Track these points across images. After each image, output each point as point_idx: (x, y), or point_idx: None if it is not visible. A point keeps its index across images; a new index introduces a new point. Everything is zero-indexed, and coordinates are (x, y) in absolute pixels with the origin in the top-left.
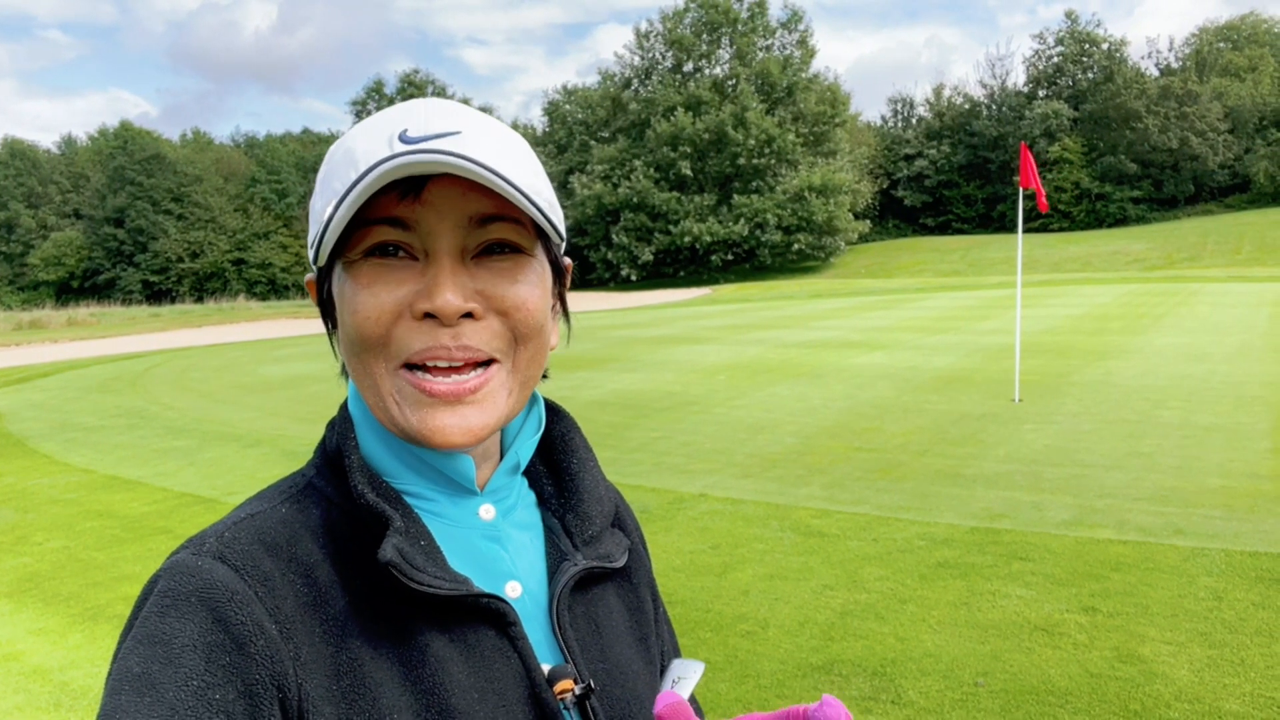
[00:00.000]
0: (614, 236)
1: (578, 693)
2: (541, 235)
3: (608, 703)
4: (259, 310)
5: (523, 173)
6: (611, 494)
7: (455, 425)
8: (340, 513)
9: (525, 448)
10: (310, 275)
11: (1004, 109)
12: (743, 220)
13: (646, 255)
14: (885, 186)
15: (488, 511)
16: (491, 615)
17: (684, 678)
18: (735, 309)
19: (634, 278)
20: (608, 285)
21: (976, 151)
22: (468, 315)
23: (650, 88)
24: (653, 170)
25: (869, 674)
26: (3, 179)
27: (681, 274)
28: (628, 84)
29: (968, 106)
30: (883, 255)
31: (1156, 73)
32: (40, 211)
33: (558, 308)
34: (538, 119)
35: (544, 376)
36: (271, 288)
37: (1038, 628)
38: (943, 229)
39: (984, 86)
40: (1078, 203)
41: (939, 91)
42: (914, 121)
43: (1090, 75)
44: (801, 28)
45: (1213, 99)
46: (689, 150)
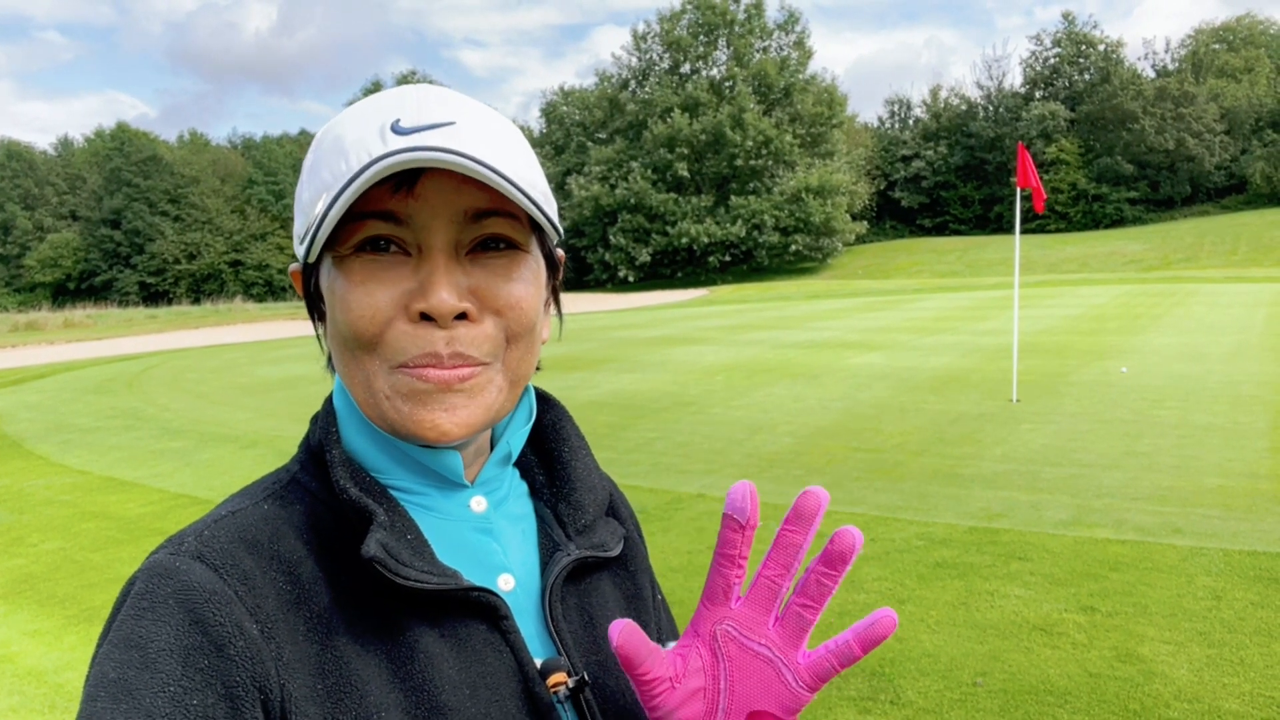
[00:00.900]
0: (611, 238)
1: (571, 685)
2: (537, 229)
3: (603, 695)
4: (256, 312)
5: (518, 165)
6: (605, 482)
7: (445, 419)
8: (324, 508)
9: (516, 438)
10: (295, 265)
11: (1001, 110)
12: (740, 221)
13: (644, 256)
14: (882, 188)
15: (479, 504)
16: (482, 609)
17: None
18: (733, 310)
19: (631, 279)
20: (605, 286)
21: (973, 153)
22: (462, 316)
23: (647, 89)
24: (650, 171)
25: (867, 674)
26: None
27: (679, 275)
28: (625, 85)
29: (965, 108)
30: (880, 256)
31: (1153, 74)
32: (37, 213)
33: (550, 301)
34: (535, 120)
35: (536, 369)
36: (268, 289)
37: (1036, 627)
38: (940, 230)
39: (981, 88)
40: (1074, 204)
41: (936, 93)
42: (911, 123)
43: (1087, 76)
44: (798, 29)
45: (1209, 100)
46: (686, 151)
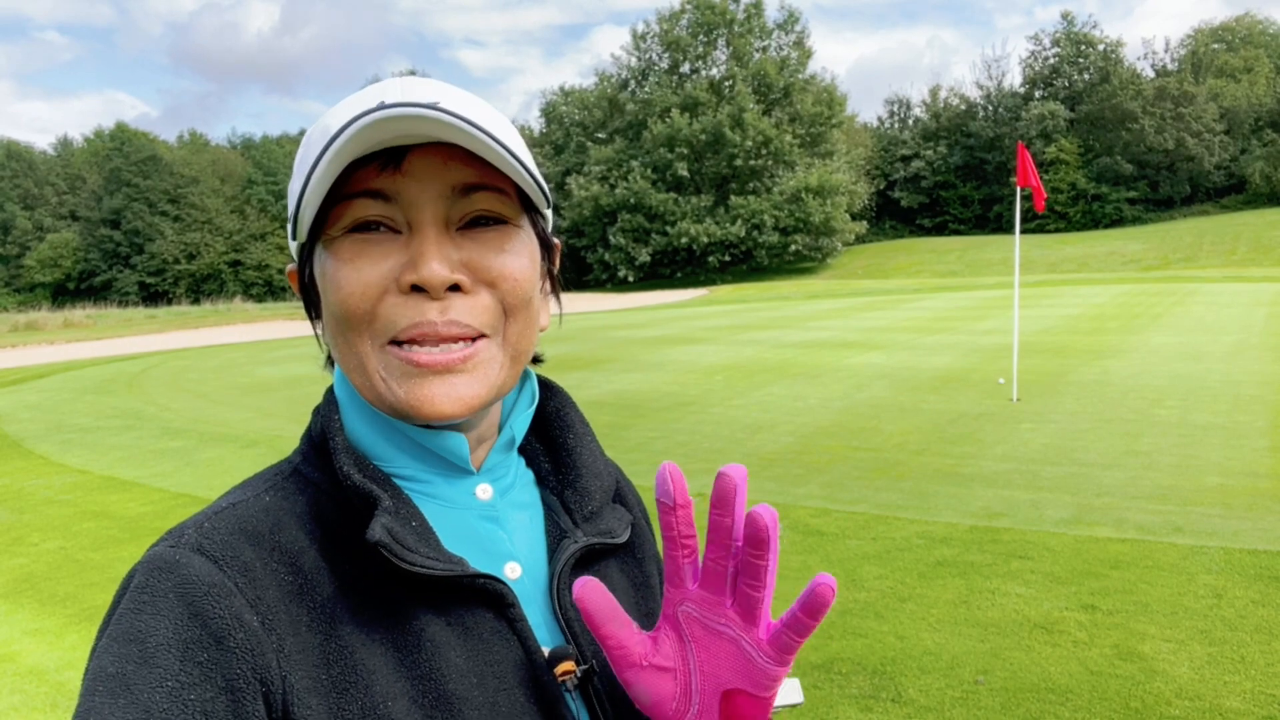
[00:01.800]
0: (611, 238)
1: (580, 674)
2: (528, 209)
3: (611, 684)
4: (255, 312)
5: (504, 137)
6: (611, 469)
7: (444, 394)
8: (327, 498)
9: (519, 423)
10: (291, 266)
11: (1000, 110)
12: (740, 221)
13: (643, 256)
14: (882, 187)
15: (485, 491)
16: (489, 597)
17: None
18: (732, 310)
19: (631, 279)
20: (604, 286)
21: (973, 152)
22: (455, 288)
23: (647, 89)
24: (650, 171)
25: (869, 672)
26: None
27: (678, 275)
28: (624, 85)
29: (964, 108)
30: (879, 256)
31: (1152, 74)
32: (36, 213)
33: (547, 287)
34: (535, 120)
35: (538, 360)
36: (268, 289)
37: (1037, 625)
38: (939, 230)
39: (980, 88)
40: (1074, 203)
41: (935, 93)
42: (910, 123)
43: (1086, 76)
44: (798, 29)
45: (1208, 100)
46: (686, 151)
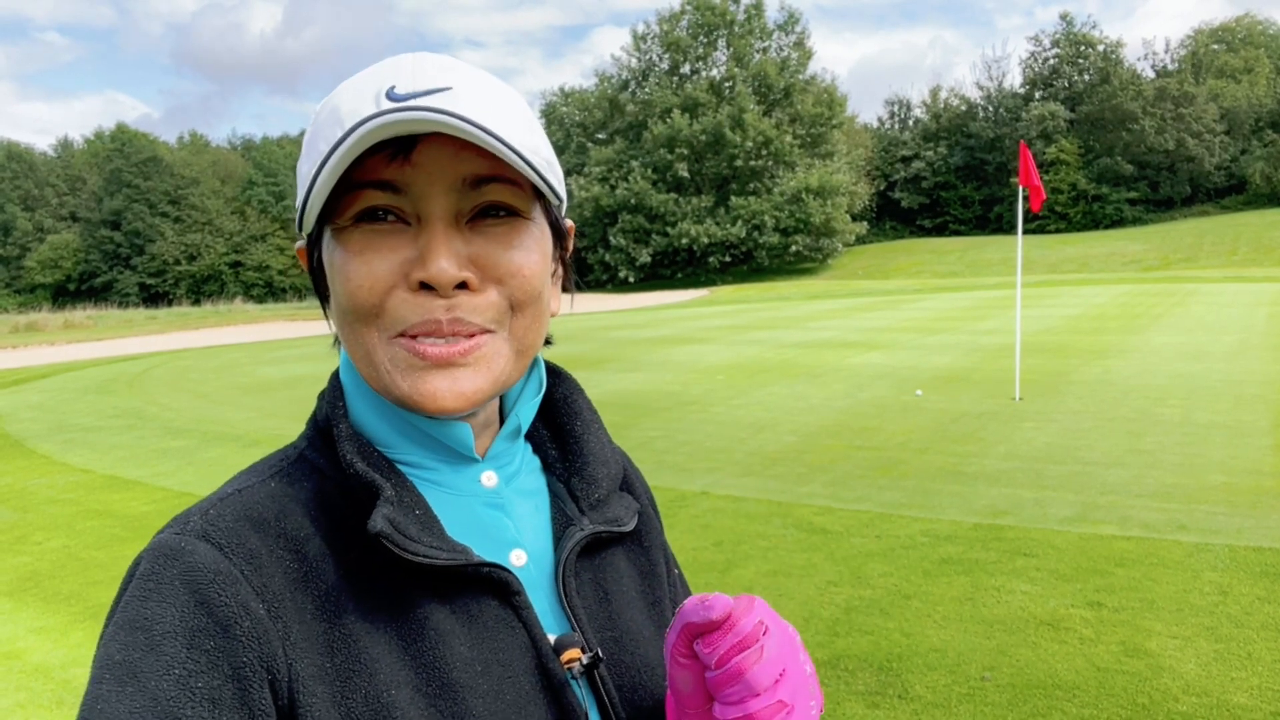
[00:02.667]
0: (611, 238)
1: (585, 662)
2: (540, 196)
3: (617, 671)
4: (256, 313)
5: (517, 130)
6: (618, 456)
7: (447, 389)
8: (332, 484)
9: (526, 410)
10: (300, 242)
11: (1000, 111)
12: (740, 222)
13: (644, 257)
14: (882, 188)
15: (490, 478)
16: (493, 585)
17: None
18: (733, 310)
19: (632, 279)
20: (605, 287)
21: (973, 153)
22: (463, 286)
23: (647, 90)
24: (650, 172)
25: (875, 669)
26: None
27: (679, 276)
28: (625, 86)
29: (964, 108)
30: (880, 257)
31: (1152, 74)
32: (37, 214)
33: (559, 272)
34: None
35: (548, 342)
36: (268, 290)
37: (1043, 623)
38: (940, 230)
39: (981, 88)
40: (1074, 204)
41: (936, 93)
42: (911, 123)
43: (1086, 77)
44: (799, 29)
45: (1209, 100)
46: (686, 152)
